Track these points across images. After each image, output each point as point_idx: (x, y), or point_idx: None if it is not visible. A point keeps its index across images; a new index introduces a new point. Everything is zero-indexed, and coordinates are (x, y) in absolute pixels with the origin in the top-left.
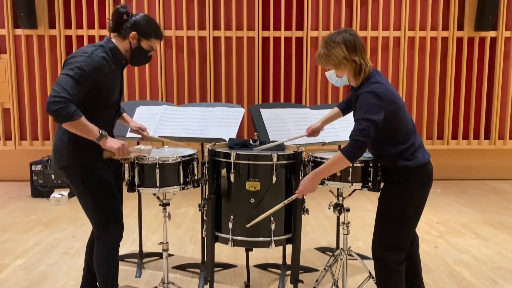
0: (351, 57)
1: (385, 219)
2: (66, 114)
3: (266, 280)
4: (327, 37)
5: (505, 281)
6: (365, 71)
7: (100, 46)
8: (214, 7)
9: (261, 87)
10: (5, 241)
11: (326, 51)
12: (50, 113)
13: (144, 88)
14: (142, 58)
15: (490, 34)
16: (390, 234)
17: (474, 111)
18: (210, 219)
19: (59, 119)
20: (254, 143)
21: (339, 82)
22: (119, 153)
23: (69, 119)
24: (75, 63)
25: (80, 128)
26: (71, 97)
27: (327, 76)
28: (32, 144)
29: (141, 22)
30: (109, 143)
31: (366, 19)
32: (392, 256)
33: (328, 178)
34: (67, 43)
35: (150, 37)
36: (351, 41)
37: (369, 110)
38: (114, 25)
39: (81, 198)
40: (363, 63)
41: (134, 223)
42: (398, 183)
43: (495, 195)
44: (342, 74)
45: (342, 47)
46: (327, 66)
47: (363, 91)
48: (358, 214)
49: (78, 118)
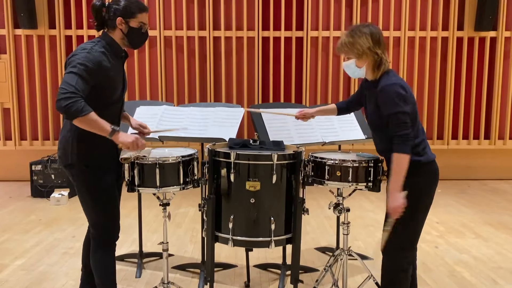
0: (375, 49)
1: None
2: (76, 109)
3: (266, 280)
4: (353, 27)
5: (505, 281)
6: (384, 65)
7: (98, 42)
8: (214, 7)
9: (261, 87)
10: (5, 241)
11: (351, 40)
12: (60, 110)
13: (144, 88)
14: (139, 37)
15: (490, 34)
16: (403, 233)
17: (474, 111)
18: (210, 219)
19: (69, 116)
20: (254, 143)
21: (356, 73)
22: (134, 147)
23: (78, 114)
24: (77, 60)
25: (91, 123)
26: (79, 92)
27: (345, 66)
28: (32, 144)
29: (120, 4)
30: (121, 137)
31: (366, 19)
32: (404, 255)
33: (328, 178)
34: (67, 43)
35: (136, 14)
36: (377, 34)
37: (400, 102)
38: (98, 21)
39: (81, 197)
40: (383, 58)
41: (134, 223)
42: (410, 178)
43: (495, 195)
44: (362, 64)
45: (368, 38)
46: (348, 55)
47: (386, 84)
48: (358, 214)
49: (88, 113)
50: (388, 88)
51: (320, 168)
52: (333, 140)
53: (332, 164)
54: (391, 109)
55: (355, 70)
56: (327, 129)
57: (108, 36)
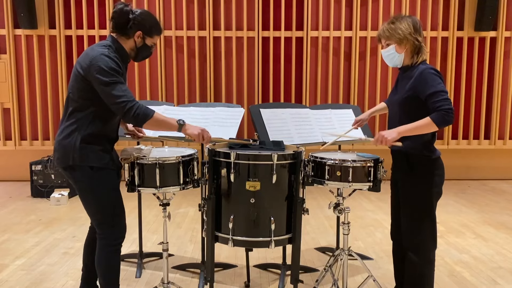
0: (415, 36)
1: (414, 211)
2: (143, 114)
3: (266, 280)
4: (396, 15)
5: (505, 281)
6: (423, 53)
7: (108, 46)
8: (214, 7)
9: (261, 87)
10: (5, 241)
11: (393, 25)
12: (130, 121)
13: (144, 88)
14: (146, 55)
15: (490, 34)
16: (429, 226)
17: (474, 111)
18: (210, 219)
19: (139, 123)
20: (254, 143)
21: (394, 60)
22: (199, 139)
23: (147, 117)
24: (104, 67)
25: (159, 122)
26: (132, 98)
27: (383, 53)
28: (32, 144)
29: (145, 20)
30: (190, 129)
31: (366, 19)
32: (431, 247)
33: (328, 178)
34: (67, 43)
35: (154, 35)
36: (417, 23)
37: (441, 82)
38: (118, 25)
39: (84, 198)
40: (423, 46)
41: (134, 223)
42: (428, 175)
43: (495, 195)
44: (402, 50)
45: (410, 24)
46: (389, 40)
47: (426, 67)
48: (358, 214)
49: (153, 113)
50: (427, 71)
51: (320, 168)
52: (333, 140)
53: (332, 164)
54: (432, 88)
55: (394, 56)
56: (327, 129)
57: (117, 42)
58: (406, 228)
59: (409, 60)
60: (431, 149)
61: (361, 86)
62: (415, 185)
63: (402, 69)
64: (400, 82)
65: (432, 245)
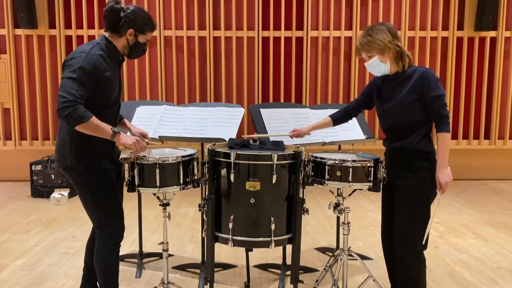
0: (395, 42)
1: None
2: (77, 117)
3: (266, 280)
4: (369, 27)
5: (505, 281)
6: (407, 57)
7: (96, 44)
8: (214, 7)
9: (261, 87)
10: (5, 241)
11: (370, 38)
12: (61, 118)
13: (144, 88)
14: (140, 52)
15: (490, 34)
16: (421, 226)
17: (474, 111)
18: (210, 219)
19: (71, 123)
20: (254, 143)
21: (381, 69)
22: (135, 148)
23: (80, 121)
24: (75, 64)
25: (93, 128)
26: (78, 99)
27: (368, 65)
28: (32, 144)
29: (137, 18)
30: (123, 139)
31: (366, 19)
32: (423, 247)
33: (328, 178)
34: (67, 43)
35: (146, 32)
36: (393, 29)
37: (440, 85)
38: (110, 24)
39: (83, 198)
40: (404, 50)
41: (134, 223)
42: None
43: (495, 195)
44: (386, 59)
45: (386, 32)
46: (370, 52)
47: (424, 69)
48: (358, 214)
49: (89, 119)
50: (427, 72)
51: (320, 168)
52: (333, 140)
53: (332, 164)
54: (436, 91)
55: (380, 67)
56: (327, 129)
57: (107, 40)
58: (400, 226)
59: (395, 66)
60: (430, 146)
61: (361, 86)
62: (413, 181)
63: (390, 76)
64: (387, 91)
65: (423, 246)
